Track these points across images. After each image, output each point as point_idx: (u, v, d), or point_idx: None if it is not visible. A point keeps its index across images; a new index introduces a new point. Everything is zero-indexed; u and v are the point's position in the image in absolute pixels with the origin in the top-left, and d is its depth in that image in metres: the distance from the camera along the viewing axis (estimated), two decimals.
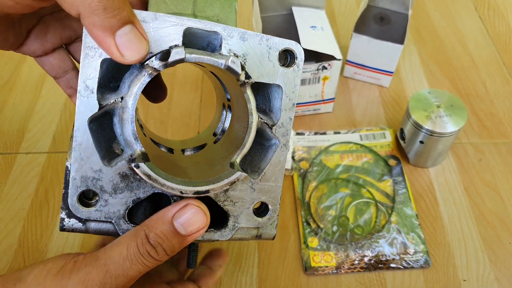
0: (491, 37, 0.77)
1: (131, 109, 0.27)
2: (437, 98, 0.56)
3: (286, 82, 0.30)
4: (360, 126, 0.64)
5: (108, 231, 0.29)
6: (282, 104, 0.30)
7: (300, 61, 0.30)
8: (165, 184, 0.27)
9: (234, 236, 0.32)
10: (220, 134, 0.37)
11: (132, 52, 0.25)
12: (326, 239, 0.52)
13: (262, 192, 0.31)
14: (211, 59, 0.27)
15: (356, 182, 0.57)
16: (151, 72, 0.27)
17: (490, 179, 0.58)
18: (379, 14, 0.62)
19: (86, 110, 0.27)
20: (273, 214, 0.32)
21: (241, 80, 0.28)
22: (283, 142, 0.31)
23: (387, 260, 0.51)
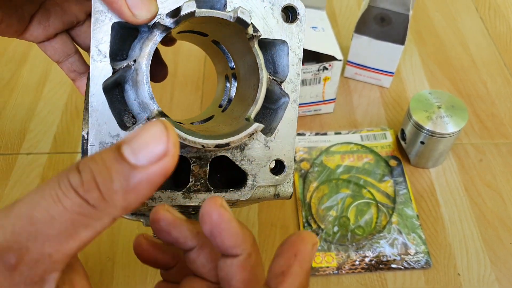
0: (492, 38, 0.77)
1: (145, 69, 0.27)
2: (437, 98, 0.56)
3: (291, 37, 0.30)
4: (361, 127, 0.64)
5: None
6: (289, 60, 0.30)
7: (302, 16, 0.30)
8: (187, 139, 0.27)
9: (253, 196, 0.31)
10: (227, 104, 0.37)
11: (143, 10, 0.25)
12: (327, 239, 0.52)
13: (276, 149, 0.31)
14: (221, 13, 0.27)
15: (357, 183, 0.57)
16: (162, 31, 0.27)
17: (491, 180, 0.58)
18: (380, 15, 0.62)
19: (100, 75, 0.27)
20: (289, 171, 0.32)
21: (250, 33, 0.28)
22: (293, 98, 0.31)
23: (388, 261, 0.51)
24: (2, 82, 0.69)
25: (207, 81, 0.69)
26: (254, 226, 0.53)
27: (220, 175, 0.33)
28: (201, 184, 0.30)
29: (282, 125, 0.31)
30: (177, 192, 0.29)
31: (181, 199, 0.30)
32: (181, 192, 0.30)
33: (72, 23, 0.36)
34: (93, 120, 0.27)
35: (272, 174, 0.32)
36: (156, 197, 0.29)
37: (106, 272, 0.50)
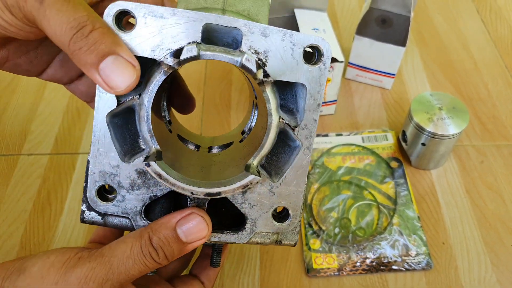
0: (493, 40, 0.77)
1: (147, 106, 0.27)
2: (439, 100, 0.56)
3: (310, 81, 0.28)
4: (362, 128, 0.64)
5: (125, 226, 0.30)
6: (306, 104, 0.28)
7: (327, 59, 0.28)
8: (175, 184, 0.27)
9: (252, 240, 0.30)
10: (247, 132, 0.36)
11: (117, 82, 0.25)
12: (328, 241, 0.52)
13: (282, 196, 0.30)
14: (226, 57, 0.26)
15: (358, 184, 0.57)
16: (166, 70, 0.26)
17: (492, 181, 0.58)
18: (381, 17, 0.62)
19: (105, 106, 0.27)
20: (294, 220, 0.31)
21: (259, 78, 0.27)
22: (306, 144, 0.29)
23: (389, 262, 0.51)
24: (3, 83, 0.69)
25: (208, 82, 0.69)
26: None
27: (224, 210, 0.32)
28: None
29: (291, 172, 0.29)
30: None
31: None
32: None
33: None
34: (94, 149, 0.27)
35: (274, 221, 0.30)
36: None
37: None
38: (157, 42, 0.26)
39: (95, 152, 0.28)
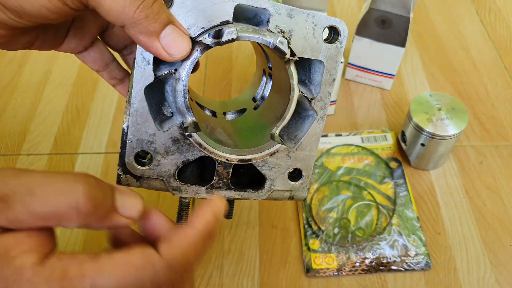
0: (492, 41, 0.77)
1: (184, 81, 0.29)
2: (438, 101, 0.56)
3: (328, 58, 0.31)
4: (362, 129, 0.64)
5: (160, 187, 0.32)
6: (322, 79, 0.31)
7: (343, 38, 0.31)
8: (213, 152, 0.30)
9: (269, 197, 0.34)
10: (260, 100, 0.39)
11: (177, 49, 0.27)
12: (328, 241, 0.52)
13: (297, 159, 0.33)
14: (260, 38, 0.28)
15: (358, 185, 0.57)
16: (203, 48, 0.28)
17: (491, 182, 0.58)
18: (380, 17, 0.62)
19: (142, 79, 0.29)
20: (306, 180, 0.34)
21: (287, 58, 0.29)
22: (321, 115, 0.32)
23: (388, 262, 0.51)
24: (2, 83, 0.69)
25: (208, 82, 0.69)
26: (254, 228, 0.53)
27: (242, 170, 0.35)
28: (223, 183, 0.33)
29: (306, 139, 0.33)
30: (201, 187, 0.32)
31: (204, 193, 0.32)
32: (205, 188, 0.32)
33: (104, 27, 0.37)
34: (133, 119, 0.29)
35: (289, 180, 0.34)
36: (182, 189, 0.32)
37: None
38: (193, 20, 0.28)
39: (134, 122, 0.29)
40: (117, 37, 0.38)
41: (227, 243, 0.52)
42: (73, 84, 0.69)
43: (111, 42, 0.38)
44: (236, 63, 0.72)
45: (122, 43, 0.38)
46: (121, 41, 0.38)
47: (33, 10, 0.26)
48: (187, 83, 0.29)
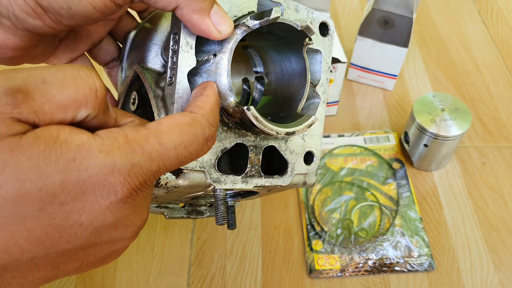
0: (494, 42, 0.77)
1: (227, 63, 0.29)
2: (441, 101, 0.56)
3: (324, 48, 0.34)
4: (364, 129, 0.64)
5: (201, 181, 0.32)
6: (321, 67, 0.35)
7: (332, 32, 0.35)
8: (267, 125, 0.30)
9: (291, 182, 0.36)
10: (252, 103, 0.40)
11: (225, 25, 0.28)
12: (330, 242, 0.52)
13: (309, 142, 0.36)
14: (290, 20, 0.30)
15: (360, 185, 0.57)
16: (244, 30, 0.29)
17: (494, 183, 0.58)
18: (383, 18, 0.62)
19: (186, 65, 0.29)
20: (317, 161, 0.37)
21: (306, 41, 0.32)
22: (323, 99, 0.35)
23: (391, 263, 0.51)
24: None
25: None
26: (257, 228, 0.53)
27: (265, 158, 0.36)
28: (255, 170, 0.34)
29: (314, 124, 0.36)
30: (238, 176, 0.33)
31: (240, 183, 0.33)
32: (241, 177, 0.33)
33: (95, 43, 0.37)
34: (177, 106, 0.30)
35: (305, 164, 0.36)
36: (222, 180, 0.32)
37: (108, 273, 0.50)
38: (227, 9, 0.30)
39: (177, 109, 0.30)
40: (105, 51, 0.38)
41: (230, 244, 0.52)
42: None
43: (97, 56, 0.38)
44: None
45: (110, 57, 0.38)
46: (108, 54, 0.38)
47: (79, 9, 0.26)
48: (229, 66, 0.29)
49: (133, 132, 0.22)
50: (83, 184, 0.19)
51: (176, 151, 0.23)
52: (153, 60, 0.35)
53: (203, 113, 0.25)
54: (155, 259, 0.51)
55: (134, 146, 0.21)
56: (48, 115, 0.20)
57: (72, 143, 0.19)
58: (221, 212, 0.34)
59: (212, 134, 0.25)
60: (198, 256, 0.51)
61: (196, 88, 0.29)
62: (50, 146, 0.19)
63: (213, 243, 0.52)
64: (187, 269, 0.50)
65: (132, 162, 0.21)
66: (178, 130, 0.23)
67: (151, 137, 0.22)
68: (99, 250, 0.22)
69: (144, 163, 0.21)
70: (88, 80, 0.21)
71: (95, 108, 0.21)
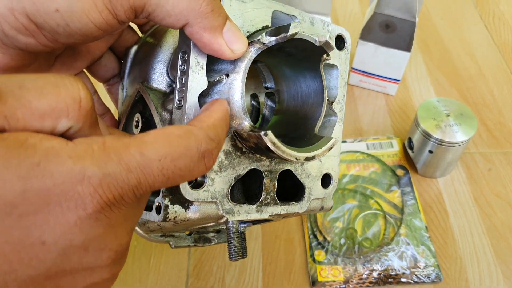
0: (497, 45, 0.76)
1: (241, 84, 0.27)
2: (446, 106, 0.55)
3: (340, 63, 0.32)
4: (367, 135, 0.62)
5: (212, 213, 0.29)
6: (338, 82, 0.33)
7: (348, 45, 0.33)
8: (285, 151, 0.28)
9: (308, 208, 0.33)
10: (262, 121, 0.38)
11: (239, 44, 0.26)
12: (334, 252, 0.50)
13: (326, 164, 0.34)
14: (309, 36, 0.28)
15: (364, 193, 0.55)
16: (258, 48, 0.27)
17: (500, 190, 0.57)
18: (385, 22, 0.61)
19: (197, 86, 0.27)
20: (335, 184, 0.34)
21: (324, 57, 0.30)
22: (340, 116, 0.33)
23: (397, 275, 0.49)
24: None
25: None
26: (257, 238, 0.51)
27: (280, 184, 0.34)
28: (270, 198, 0.31)
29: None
30: (252, 206, 0.30)
31: (254, 212, 0.31)
32: (255, 206, 0.31)
33: (94, 60, 0.35)
34: None
35: (322, 187, 0.34)
36: (235, 211, 0.30)
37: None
38: (239, 24, 0.28)
39: None
40: (105, 67, 0.36)
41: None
42: None
43: (97, 73, 0.36)
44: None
45: (110, 73, 0.36)
46: (108, 71, 0.36)
47: (79, 27, 0.23)
48: (244, 87, 0.27)
49: (112, 140, 0.19)
50: (47, 193, 0.17)
51: (160, 164, 0.20)
52: (158, 79, 0.32)
53: (202, 126, 0.23)
54: (151, 271, 0.49)
55: (110, 154, 0.18)
56: (20, 121, 0.17)
57: (39, 148, 0.17)
58: (234, 247, 0.31)
59: (210, 149, 0.22)
60: (196, 268, 0.49)
61: (205, 105, 0.26)
62: (14, 149, 0.17)
63: (211, 254, 0.50)
64: (185, 281, 0.48)
65: (104, 171, 0.18)
66: (166, 141, 0.20)
67: (132, 146, 0.19)
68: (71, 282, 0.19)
69: (120, 174, 0.18)
70: (72, 89, 0.19)
71: (79, 120, 0.19)
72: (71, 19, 0.23)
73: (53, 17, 0.23)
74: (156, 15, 0.24)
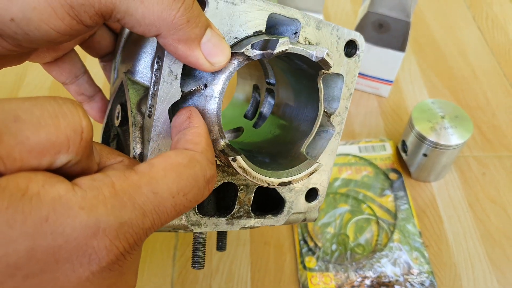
0: (490, 48, 0.75)
1: (218, 98, 0.25)
2: (441, 108, 0.53)
3: (347, 72, 0.29)
4: (359, 138, 0.60)
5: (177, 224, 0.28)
6: (341, 94, 0.30)
7: (361, 52, 0.29)
8: (256, 177, 0.26)
9: (287, 221, 0.32)
10: (258, 118, 0.36)
11: (219, 57, 0.23)
12: (325, 259, 0.48)
13: (314, 178, 0.31)
14: (304, 50, 0.26)
15: (356, 197, 0.53)
16: (242, 60, 0.24)
17: (495, 194, 0.55)
18: (378, 21, 0.59)
19: (168, 97, 0.24)
20: (321, 200, 0.33)
21: (322, 72, 0.27)
22: (338, 130, 0.31)
23: (390, 282, 0.47)
24: (6, 90, 0.64)
25: None
26: (245, 245, 0.49)
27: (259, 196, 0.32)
28: (244, 211, 0.30)
29: (323, 156, 0.31)
30: (222, 218, 0.29)
31: (224, 225, 0.29)
32: (225, 219, 0.29)
33: (84, 39, 0.32)
34: (154, 145, 0.25)
35: (306, 201, 0.32)
36: (202, 223, 0.29)
37: None
38: (226, 29, 0.25)
39: (155, 148, 0.25)
40: (98, 44, 0.33)
41: (215, 262, 0.48)
42: (50, 87, 0.64)
43: (90, 49, 0.34)
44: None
45: (105, 50, 0.34)
46: (102, 48, 0.34)
47: (39, 35, 0.21)
48: (221, 101, 0.25)
49: (121, 179, 0.17)
50: (57, 251, 0.15)
51: (174, 201, 0.18)
52: (142, 72, 0.30)
53: (202, 150, 0.21)
54: None
55: (123, 198, 0.17)
56: (17, 161, 0.15)
57: (45, 198, 0.15)
58: (198, 257, 0.30)
59: (213, 174, 0.21)
60: (181, 275, 0.47)
61: (179, 117, 0.24)
62: (17, 201, 0.15)
63: None
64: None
65: (121, 220, 0.16)
66: (175, 174, 0.19)
67: (143, 185, 0.18)
68: None
69: (136, 220, 0.17)
70: (72, 119, 0.17)
71: (78, 153, 0.17)
72: (29, 28, 0.21)
73: (9, 26, 0.20)
74: (125, 23, 0.21)
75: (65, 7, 0.20)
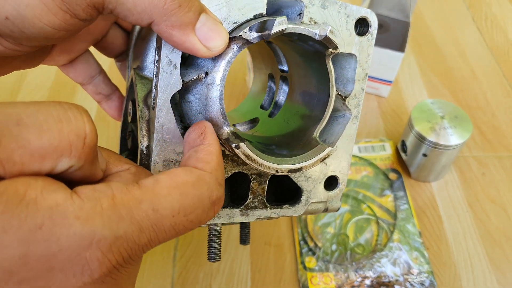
0: (489, 48, 0.75)
1: (220, 85, 0.24)
2: (440, 108, 0.53)
3: (360, 51, 0.28)
4: (359, 138, 0.60)
5: None
6: (355, 74, 0.28)
7: (373, 30, 0.28)
8: (262, 164, 0.26)
9: (306, 211, 0.31)
10: (274, 107, 0.35)
11: (216, 40, 0.23)
12: (325, 259, 0.48)
13: (333, 165, 0.30)
14: (308, 30, 0.25)
15: (356, 197, 0.53)
16: (241, 45, 0.24)
17: (495, 194, 0.55)
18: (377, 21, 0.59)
19: (169, 87, 0.24)
20: (342, 187, 0.32)
21: (329, 51, 0.26)
22: (355, 114, 0.29)
23: (390, 281, 0.47)
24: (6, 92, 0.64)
25: None
26: None
27: (275, 185, 0.32)
28: (258, 201, 0.29)
29: (341, 141, 0.30)
30: (236, 209, 0.29)
31: (238, 216, 0.29)
32: (239, 209, 0.29)
33: (98, 40, 0.33)
34: (158, 136, 0.25)
35: (325, 190, 0.31)
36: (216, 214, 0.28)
37: None
38: (224, 14, 0.24)
39: (159, 140, 0.25)
40: (112, 44, 0.34)
41: (216, 262, 0.48)
42: (51, 87, 0.64)
43: (104, 50, 0.34)
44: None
45: (118, 49, 0.34)
46: (116, 48, 0.34)
47: (35, 32, 0.21)
48: (223, 88, 0.25)
49: (122, 192, 0.17)
50: (51, 259, 0.15)
51: (173, 220, 0.18)
52: (149, 67, 0.29)
53: (211, 170, 0.21)
54: None
55: (121, 212, 0.17)
56: (18, 165, 0.15)
57: (42, 205, 0.15)
58: (213, 249, 0.29)
59: (220, 196, 0.21)
60: (182, 275, 0.47)
61: (192, 132, 0.23)
62: (13, 207, 0.15)
63: (198, 261, 0.48)
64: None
65: (116, 233, 0.16)
66: (179, 193, 0.19)
67: (144, 200, 0.17)
68: None
69: (132, 235, 0.17)
70: (76, 124, 0.17)
71: (81, 158, 0.17)
72: (23, 25, 0.21)
73: (5, 24, 0.21)
74: (118, 13, 0.21)
75: (56, 1, 0.20)
